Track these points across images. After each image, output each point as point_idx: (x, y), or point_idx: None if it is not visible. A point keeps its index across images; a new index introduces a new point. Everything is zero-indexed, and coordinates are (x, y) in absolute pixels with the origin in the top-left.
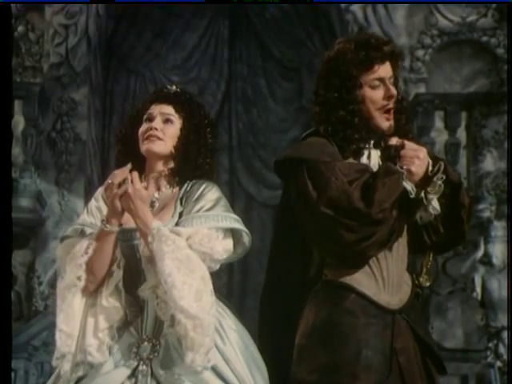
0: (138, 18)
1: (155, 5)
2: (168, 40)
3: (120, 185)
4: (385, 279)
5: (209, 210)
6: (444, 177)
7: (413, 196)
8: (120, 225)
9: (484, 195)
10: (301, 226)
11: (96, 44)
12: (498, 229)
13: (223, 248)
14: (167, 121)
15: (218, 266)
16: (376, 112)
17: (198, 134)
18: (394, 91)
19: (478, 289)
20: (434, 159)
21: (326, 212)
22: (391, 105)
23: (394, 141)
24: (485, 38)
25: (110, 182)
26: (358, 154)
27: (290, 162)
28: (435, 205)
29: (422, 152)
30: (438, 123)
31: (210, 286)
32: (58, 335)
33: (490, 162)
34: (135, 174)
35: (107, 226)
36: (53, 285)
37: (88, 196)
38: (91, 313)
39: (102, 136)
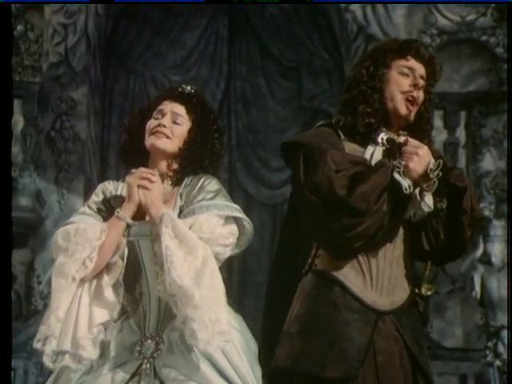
0: (137, 17)
1: (155, 5)
2: (167, 39)
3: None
4: (373, 278)
5: (210, 200)
6: (440, 174)
7: (408, 192)
8: (132, 218)
9: (483, 194)
10: (299, 212)
11: (95, 43)
12: (498, 228)
13: (227, 231)
14: (176, 121)
15: (227, 253)
16: (399, 95)
17: (205, 137)
18: (420, 82)
19: (478, 288)
20: (437, 159)
21: (310, 197)
22: (415, 95)
23: (401, 139)
24: (484, 38)
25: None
26: (363, 142)
27: (292, 146)
28: (428, 201)
29: (423, 150)
30: (438, 122)
31: (213, 267)
32: (50, 317)
33: (490, 161)
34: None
35: (120, 212)
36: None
37: (87, 195)
38: (85, 303)
39: (102, 135)
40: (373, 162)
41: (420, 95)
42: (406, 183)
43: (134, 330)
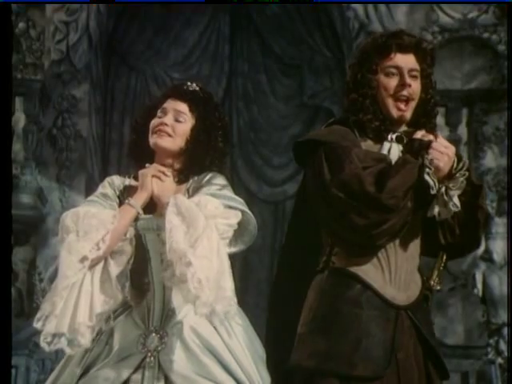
0: (138, 15)
1: (156, 3)
2: (169, 37)
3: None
4: (392, 273)
5: (217, 190)
6: (467, 174)
7: (434, 192)
8: (142, 208)
9: (485, 191)
10: (314, 210)
11: (97, 41)
12: (499, 225)
13: (231, 212)
14: (179, 119)
15: (230, 232)
16: (388, 99)
17: (208, 135)
18: (407, 80)
19: (479, 285)
20: (458, 157)
21: (338, 194)
22: (405, 93)
23: (420, 134)
24: (486, 35)
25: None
26: (377, 140)
27: (310, 144)
28: (456, 201)
29: (452, 150)
30: (439, 119)
31: (212, 235)
32: (56, 294)
33: (491, 159)
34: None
35: (131, 200)
36: (54, 281)
37: (89, 192)
38: (88, 288)
39: (103, 133)
40: (391, 158)
41: (414, 89)
42: (432, 182)
43: (138, 323)
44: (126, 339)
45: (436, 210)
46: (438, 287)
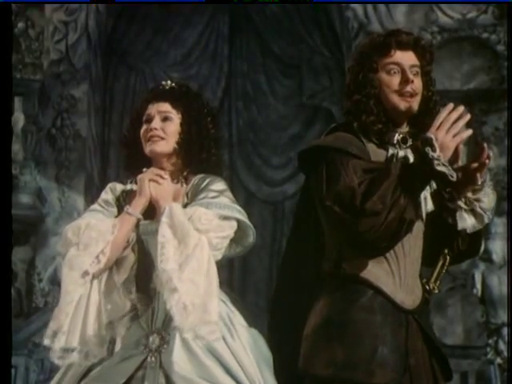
0: (137, 14)
1: (155, 4)
2: (168, 37)
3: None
4: (402, 278)
5: (212, 198)
6: (492, 184)
7: (454, 179)
8: (141, 214)
9: None
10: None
11: (96, 41)
12: (498, 225)
13: (226, 224)
14: (166, 119)
15: (224, 243)
16: (393, 95)
17: (199, 126)
18: (410, 76)
19: (478, 285)
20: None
21: (330, 206)
22: (409, 89)
23: (434, 131)
24: (485, 35)
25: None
26: (380, 143)
27: (315, 150)
28: (489, 213)
29: (454, 117)
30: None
31: (202, 255)
32: (61, 312)
33: (490, 159)
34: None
35: (130, 208)
36: (53, 281)
37: (88, 192)
38: (95, 300)
39: (102, 133)
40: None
41: (416, 85)
42: (450, 171)
43: (143, 326)
44: (129, 341)
45: (469, 222)
46: (437, 291)
